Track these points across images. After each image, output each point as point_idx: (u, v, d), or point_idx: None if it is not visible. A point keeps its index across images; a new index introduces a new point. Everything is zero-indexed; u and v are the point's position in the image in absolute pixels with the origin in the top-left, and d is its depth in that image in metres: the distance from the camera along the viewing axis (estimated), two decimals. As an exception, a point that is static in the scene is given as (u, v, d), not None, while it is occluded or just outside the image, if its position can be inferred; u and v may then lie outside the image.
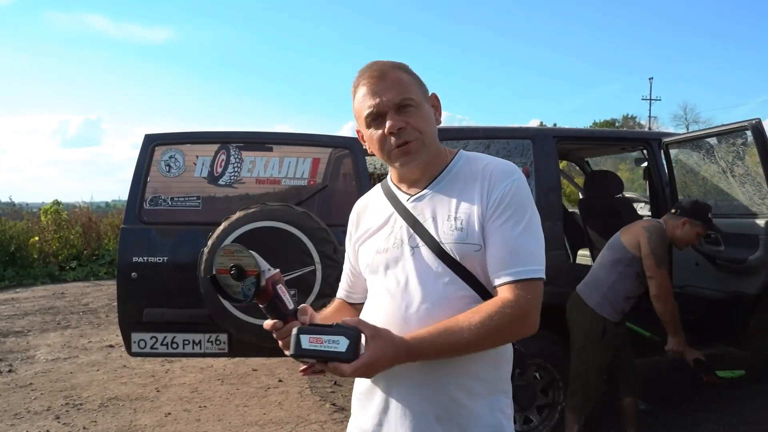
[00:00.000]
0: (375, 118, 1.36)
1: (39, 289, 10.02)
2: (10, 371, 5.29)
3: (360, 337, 1.19)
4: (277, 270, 1.28)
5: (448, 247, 1.33)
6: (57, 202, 12.86)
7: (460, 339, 1.23)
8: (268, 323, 1.28)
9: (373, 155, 1.58)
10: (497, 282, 1.29)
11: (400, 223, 1.42)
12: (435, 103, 1.45)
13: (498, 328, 1.24)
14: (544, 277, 1.31)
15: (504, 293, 1.28)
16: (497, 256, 1.30)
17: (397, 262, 1.39)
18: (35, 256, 11.42)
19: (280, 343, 1.28)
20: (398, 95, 1.34)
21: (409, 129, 1.35)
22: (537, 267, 1.30)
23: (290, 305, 1.28)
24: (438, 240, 1.34)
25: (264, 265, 1.25)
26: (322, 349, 1.17)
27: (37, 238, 11.61)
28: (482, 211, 1.33)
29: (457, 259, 1.32)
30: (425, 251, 1.36)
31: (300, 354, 1.18)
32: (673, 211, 3.33)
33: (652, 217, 4.49)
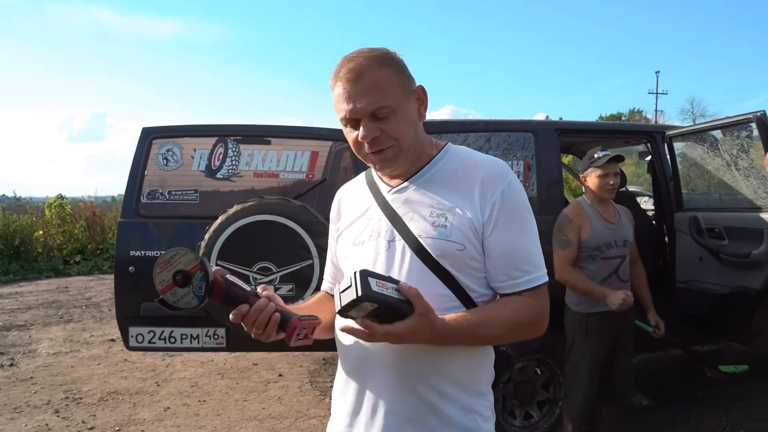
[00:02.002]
0: (350, 121, 1.30)
1: (43, 282, 10.04)
2: (11, 365, 5.29)
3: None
4: (218, 268, 1.21)
5: (427, 242, 1.27)
6: (61, 196, 12.87)
7: (491, 333, 1.25)
8: (234, 314, 1.20)
9: None
10: (511, 290, 1.28)
11: (379, 216, 1.37)
12: (420, 96, 1.37)
13: (523, 328, 1.28)
14: (547, 279, 1.32)
15: (525, 297, 1.28)
16: (506, 264, 1.28)
17: (371, 256, 1.34)
18: (39, 250, 11.44)
19: (254, 331, 1.22)
20: (372, 103, 1.25)
21: (384, 137, 1.28)
22: (544, 270, 1.30)
23: (247, 288, 1.21)
24: (416, 235, 1.29)
25: (208, 264, 1.18)
26: (389, 294, 1.10)
27: (41, 232, 11.64)
28: (476, 215, 1.27)
29: (435, 255, 1.27)
30: (401, 246, 1.30)
31: (367, 297, 1.07)
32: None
33: (655, 212, 4.46)
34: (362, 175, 1.51)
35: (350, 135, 1.31)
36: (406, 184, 1.36)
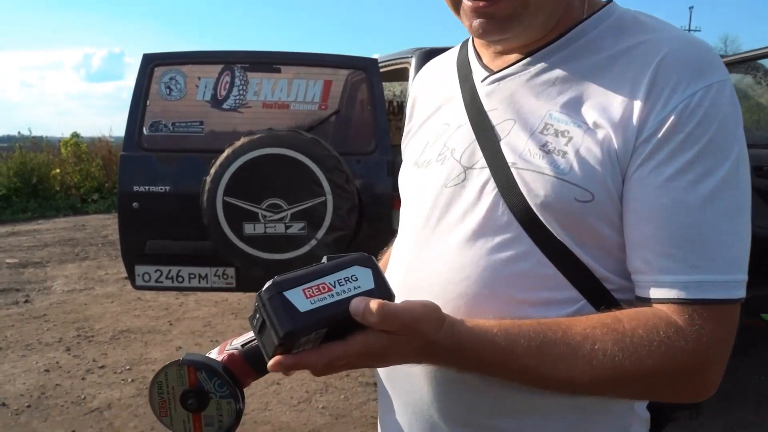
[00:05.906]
0: None
1: (61, 221, 10.02)
2: (26, 302, 5.25)
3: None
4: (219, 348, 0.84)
5: (525, 178, 0.70)
6: (76, 134, 12.75)
7: (567, 375, 0.65)
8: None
9: (395, 81, 1.09)
10: (653, 293, 0.67)
11: (460, 121, 0.81)
12: None
13: (650, 377, 0.65)
14: (743, 295, 0.66)
15: (668, 314, 0.66)
16: (653, 240, 0.66)
17: (434, 188, 0.79)
18: (57, 189, 11.41)
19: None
20: None
21: None
22: (737, 277, 0.66)
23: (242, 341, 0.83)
24: (509, 162, 0.72)
25: (197, 356, 0.79)
26: (337, 300, 0.60)
27: (58, 171, 11.58)
28: (629, 134, 0.67)
29: (534, 205, 0.69)
30: (482, 181, 0.74)
31: (301, 329, 0.59)
32: None
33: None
34: (455, 49, 0.93)
35: None
36: (517, 67, 0.77)
